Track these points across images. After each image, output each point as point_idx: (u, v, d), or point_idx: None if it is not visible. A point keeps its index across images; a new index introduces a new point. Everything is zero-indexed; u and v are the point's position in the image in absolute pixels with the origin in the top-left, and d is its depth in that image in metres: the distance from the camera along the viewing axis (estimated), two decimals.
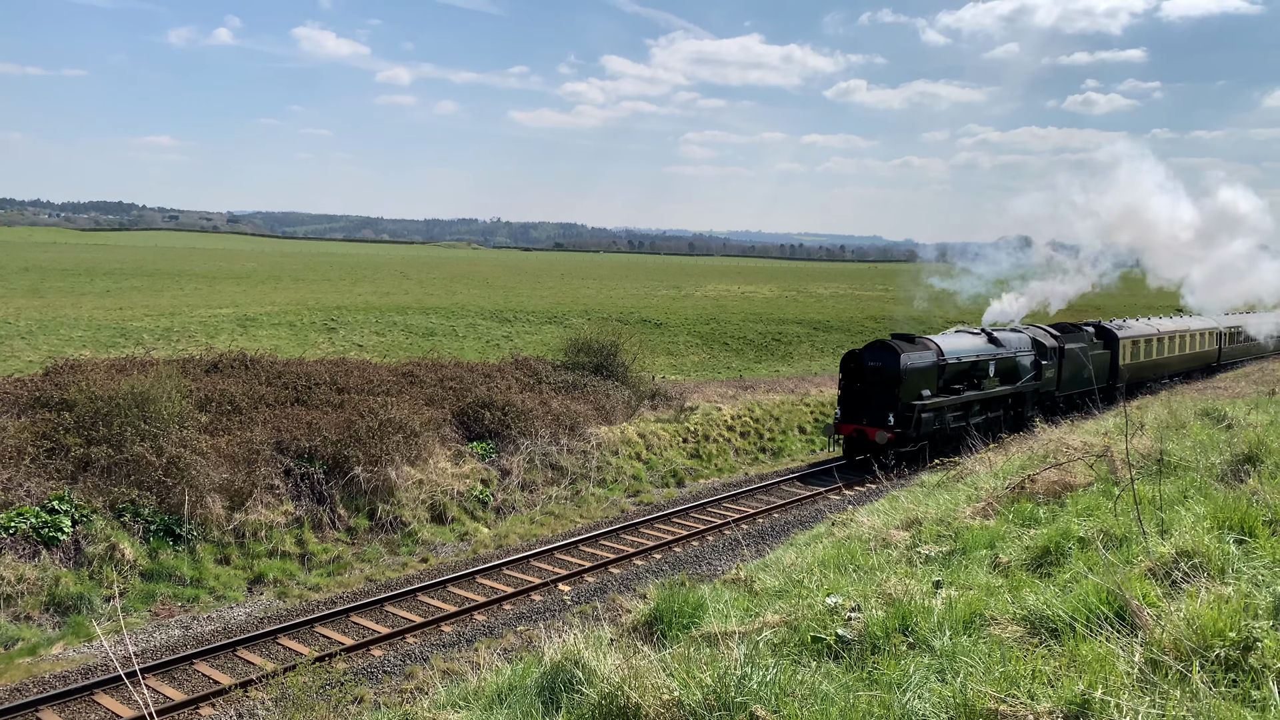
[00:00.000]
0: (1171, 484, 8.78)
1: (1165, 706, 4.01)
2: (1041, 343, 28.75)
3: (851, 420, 24.52)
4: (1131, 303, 62.69)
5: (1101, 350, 32.57)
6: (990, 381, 26.42)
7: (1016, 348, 27.82)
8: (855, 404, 24.45)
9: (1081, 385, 30.91)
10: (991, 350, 26.87)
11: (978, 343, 26.80)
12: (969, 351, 26.11)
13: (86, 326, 26.29)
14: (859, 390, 24.41)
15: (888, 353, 23.86)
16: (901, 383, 23.57)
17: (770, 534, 18.39)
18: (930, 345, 24.94)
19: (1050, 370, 28.98)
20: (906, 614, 5.98)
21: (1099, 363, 32.06)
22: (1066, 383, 30.20)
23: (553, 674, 5.78)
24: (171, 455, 16.59)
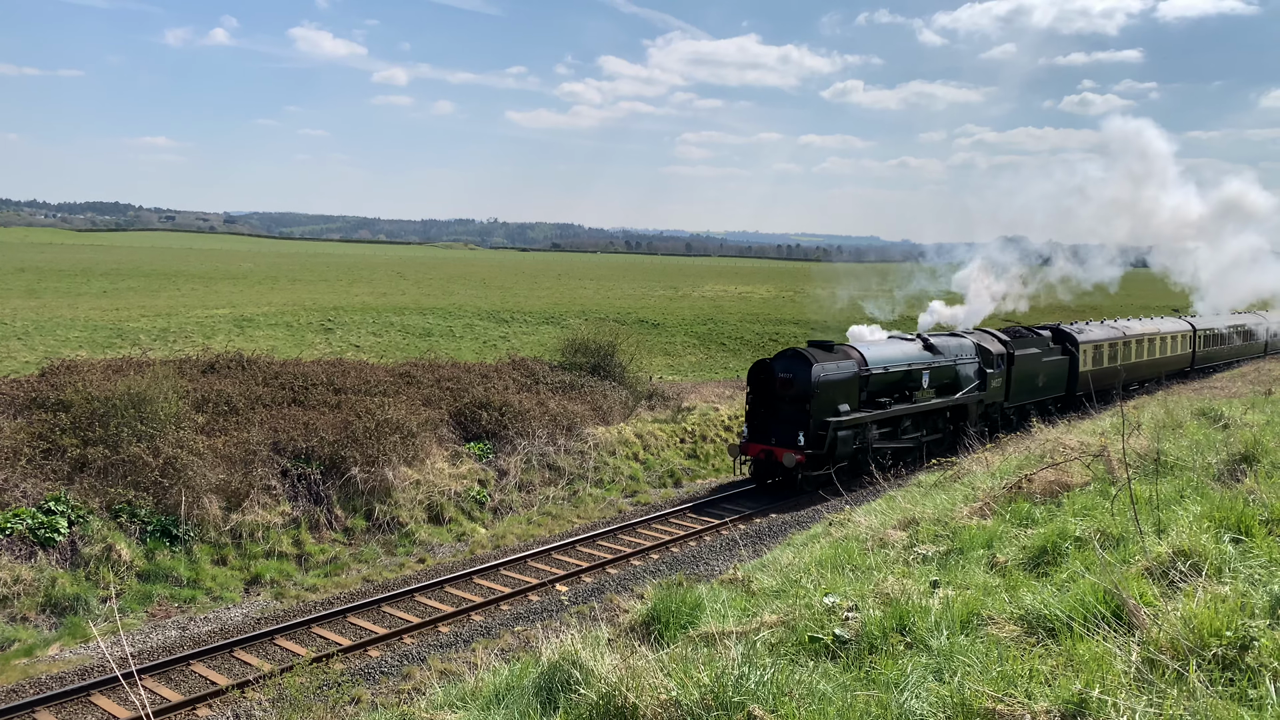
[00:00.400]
0: (1168, 483, 8.79)
1: (1162, 705, 4.02)
2: (987, 349, 26.18)
3: (760, 439, 21.80)
4: (1127, 303, 62.78)
5: (1059, 356, 30.19)
6: (924, 393, 23.89)
7: (957, 355, 25.25)
8: (764, 421, 21.78)
9: (1036, 395, 28.70)
10: (926, 358, 24.26)
11: (910, 350, 24.16)
12: (899, 360, 23.50)
13: (83, 327, 26.25)
14: (768, 405, 21.75)
15: (799, 363, 21.20)
16: (813, 397, 20.89)
17: (768, 534, 18.38)
18: (852, 353, 22.43)
19: (997, 379, 26.42)
20: (904, 614, 5.98)
21: (1056, 370, 29.88)
22: (1018, 393, 27.72)
23: (550, 674, 5.78)
24: (168, 456, 16.56)
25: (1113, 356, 32.95)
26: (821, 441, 20.99)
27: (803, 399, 20.95)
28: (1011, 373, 27.00)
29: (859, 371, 22.10)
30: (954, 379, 25.00)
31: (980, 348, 26.00)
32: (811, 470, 21.13)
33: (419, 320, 34.45)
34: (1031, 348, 28.32)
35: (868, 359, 22.50)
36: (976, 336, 26.62)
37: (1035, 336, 29.32)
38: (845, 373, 21.75)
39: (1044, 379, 28.80)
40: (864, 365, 22.38)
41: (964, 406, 25.22)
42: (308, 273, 59.50)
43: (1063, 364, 30.04)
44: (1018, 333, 29.31)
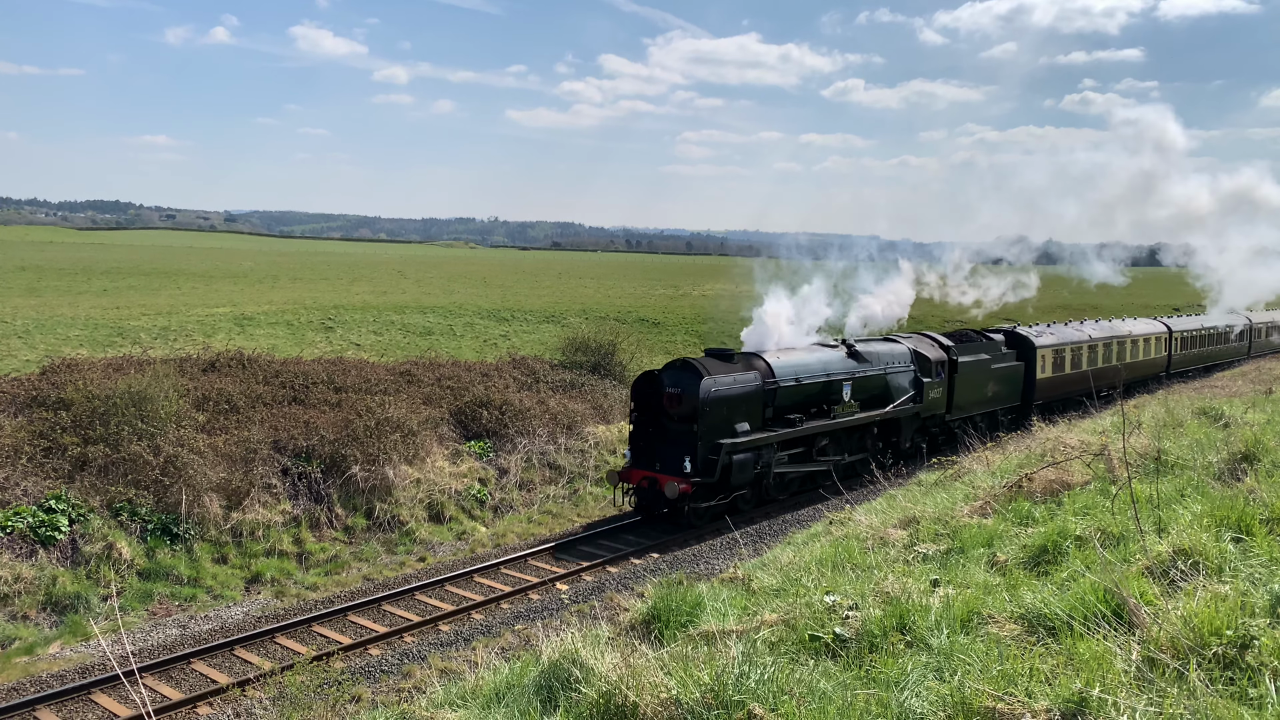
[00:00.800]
0: (1169, 483, 8.79)
1: (1162, 704, 4.02)
2: (924, 356, 23.41)
3: (644, 464, 18.67)
4: (1128, 303, 62.80)
5: (1013, 363, 27.39)
6: (847, 407, 21.06)
7: (888, 363, 22.50)
8: (650, 443, 18.72)
9: (984, 405, 26.02)
10: (849, 367, 21.38)
11: (829, 358, 21.23)
12: (813, 370, 20.53)
13: (83, 325, 26.27)
14: (656, 425, 18.71)
15: (688, 375, 18.20)
16: (702, 416, 17.81)
17: (769, 534, 18.39)
18: (756, 363, 19.56)
19: (937, 389, 23.62)
20: (904, 612, 5.99)
21: (1009, 378, 27.04)
22: (963, 403, 24.92)
23: (550, 673, 5.78)
24: (169, 454, 16.57)
25: (1075, 362, 30.37)
26: (713, 467, 17.94)
27: (691, 418, 17.96)
28: (954, 382, 24.35)
29: (763, 384, 19.08)
30: (884, 390, 22.31)
31: (917, 354, 23.35)
32: (702, 501, 18.36)
33: (419, 319, 34.48)
34: (978, 353, 25.62)
35: (775, 369, 19.55)
36: (914, 341, 23.92)
37: (984, 341, 26.74)
38: (745, 386, 18.67)
39: (994, 388, 26.17)
40: (769, 377, 19.38)
41: (895, 421, 22.64)
42: (308, 271, 59.53)
43: (1016, 371, 27.39)
44: (964, 337, 26.78)
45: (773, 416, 19.58)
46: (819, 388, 20.60)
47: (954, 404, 24.53)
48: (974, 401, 25.42)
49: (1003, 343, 27.40)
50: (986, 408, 26.10)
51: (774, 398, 19.43)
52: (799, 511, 19.79)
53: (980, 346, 26.06)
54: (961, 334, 27.01)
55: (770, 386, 19.31)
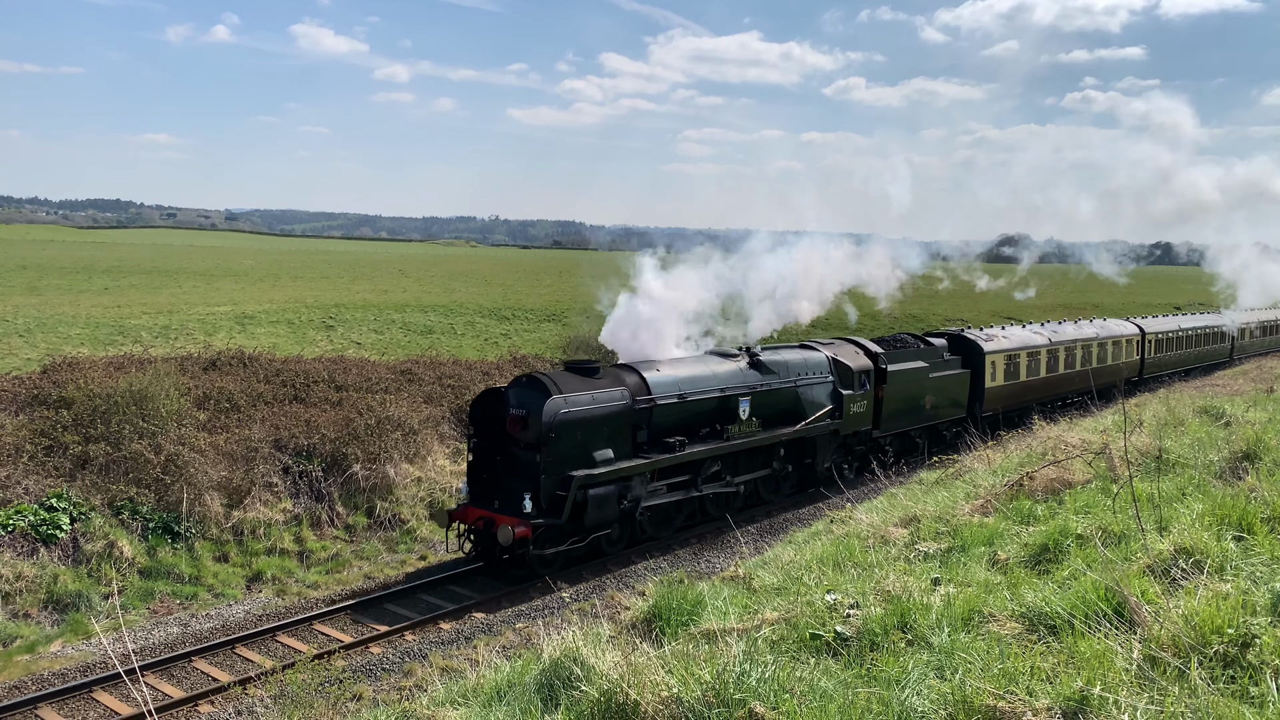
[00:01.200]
0: (1170, 481, 8.80)
1: (1163, 703, 4.02)
2: (845, 365, 20.65)
3: (483, 501, 15.67)
4: (1129, 302, 62.77)
5: (957, 370, 24.50)
6: (744, 427, 18.19)
7: (800, 374, 19.76)
8: (494, 475, 15.83)
9: (920, 418, 23.28)
10: (749, 380, 18.54)
11: (724, 370, 18.33)
12: (703, 384, 17.57)
13: (84, 324, 26.28)
14: (503, 453, 15.81)
15: (534, 393, 15.18)
16: (547, 443, 14.76)
17: (769, 532, 18.39)
18: (627, 378, 16.53)
19: (861, 402, 20.92)
20: (905, 611, 5.99)
21: (951, 387, 24.18)
22: (894, 417, 22.31)
23: (552, 671, 5.79)
24: (170, 453, 16.59)
25: (1032, 368, 27.72)
26: (560, 505, 14.91)
27: (535, 444, 15.02)
28: (883, 393, 21.73)
29: (633, 404, 16.08)
30: (794, 405, 19.49)
31: (836, 363, 20.60)
32: (549, 546, 15.28)
33: (420, 318, 34.47)
34: (914, 361, 22.91)
35: (651, 385, 16.64)
36: (835, 349, 21.22)
37: (922, 346, 24.03)
38: (608, 406, 15.65)
39: (933, 399, 23.42)
40: (643, 394, 16.44)
41: (812, 440, 19.99)
42: (309, 270, 59.55)
43: (961, 379, 24.57)
44: (899, 342, 24.20)
45: (648, 440, 16.59)
46: (711, 405, 17.66)
47: (883, 418, 21.87)
48: (908, 415, 22.77)
49: (944, 348, 24.62)
50: (923, 421, 23.44)
51: (649, 418, 16.48)
52: (800, 510, 19.78)
53: (916, 353, 23.35)
54: (896, 339, 24.62)
55: (644, 405, 16.30)
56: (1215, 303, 51.88)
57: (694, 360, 18.37)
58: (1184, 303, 63.94)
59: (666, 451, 16.67)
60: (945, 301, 58.68)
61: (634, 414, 16.22)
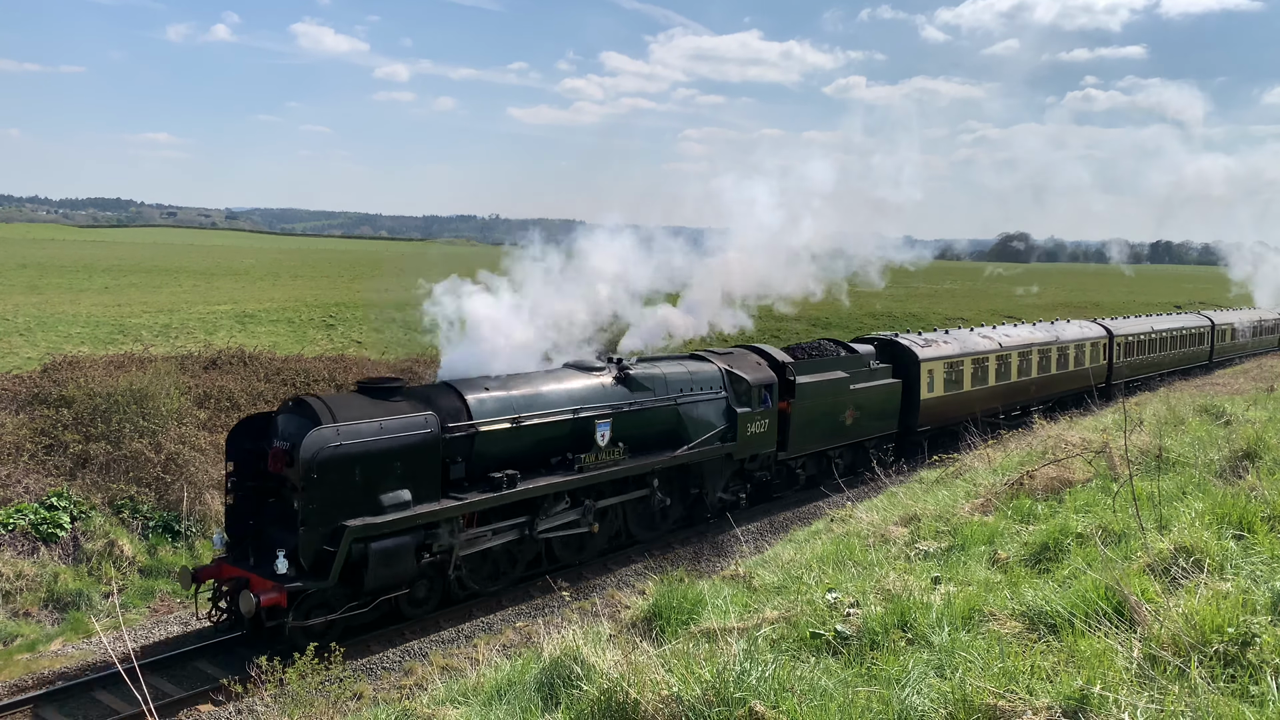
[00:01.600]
0: (1170, 480, 8.80)
1: (1164, 702, 4.02)
2: (742, 377, 17.80)
3: (239, 557, 12.54)
4: (1129, 301, 62.79)
5: (887, 381, 21.84)
6: (606, 454, 15.10)
7: (682, 388, 16.80)
8: (260, 522, 12.82)
9: (839, 437, 20.53)
10: (612, 397, 15.51)
11: (580, 386, 15.26)
12: (545, 404, 14.54)
13: (85, 323, 26.29)
14: (275, 494, 12.77)
15: (301, 421, 12.09)
16: (310, 486, 11.64)
17: (770, 531, 18.40)
18: (440, 401, 13.37)
19: (761, 421, 18.00)
20: (905, 610, 5.99)
21: (879, 400, 21.46)
22: (806, 436, 19.50)
23: (552, 670, 5.80)
24: (170, 452, 16.59)
25: (978, 376, 24.97)
26: (327, 564, 11.70)
27: (296, 486, 11.91)
28: (792, 409, 18.92)
29: (442, 431, 12.86)
30: (674, 426, 16.56)
31: (732, 376, 17.70)
32: (316, 615, 12.04)
33: (421, 317, 34.48)
34: (831, 371, 20.19)
35: (473, 408, 13.55)
36: (732, 359, 18.38)
37: (843, 355, 21.14)
38: (402, 437, 12.36)
39: (856, 414, 20.68)
40: (461, 418, 13.34)
41: (699, 468, 17.20)
42: (309, 269, 59.55)
43: (891, 391, 21.87)
44: (817, 349, 21.43)
45: (468, 476, 13.52)
46: (561, 429, 14.68)
47: (791, 438, 19.08)
48: (823, 432, 20.07)
49: (870, 356, 21.80)
50: (843, 439, 20.72)
51: (469, 449, 13.46)
52: (800, 509, 19.78)
53: (834, 362, 20.56)
54: (813, 346, 21.78)
55: (460, 433, 13.23)
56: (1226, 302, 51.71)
57: (541, 376, 15.18)
58: (1185, 301, 63.94)
59: (493, 489, 13.46)
60: (945, 300, 58.70)
61: (446, 444, 13.00)
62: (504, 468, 13.87)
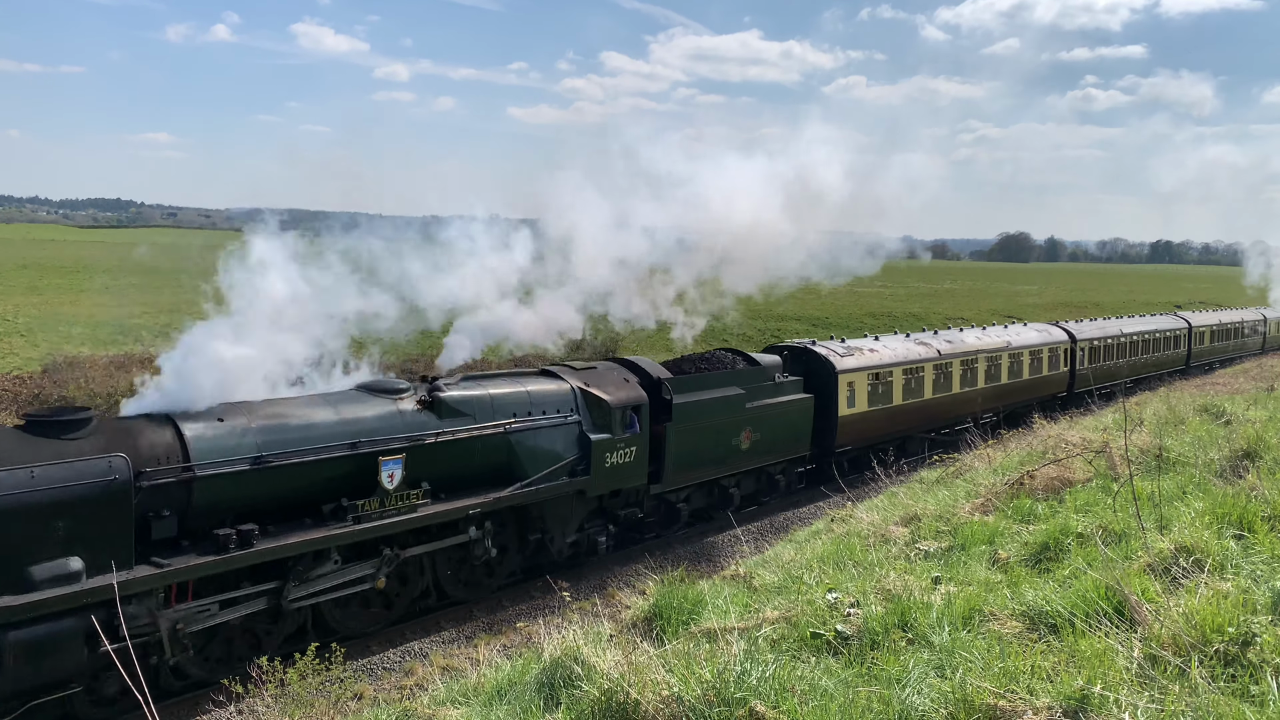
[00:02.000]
0: (1170, 480, 8.81)
1: (1164, 702, 4.02)
2: (599, 398, 14.79)
3: None
4: (1129, 300, 62.82)
5: (796, 396, 18.90)
6: (393, 500, 12.07)
7: (514, 412, 13.82)
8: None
9: (733, 464, 17.57)
10: (409, 426, 12.50)
11: (365, 414, 12.26)
12: (308, 438, 11.57)
13: (85, 324, 26.31)
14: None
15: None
16: None
17: (770, 530, 18.40)
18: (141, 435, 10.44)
19: (625, 449, 15.03)
20: (906, 610, 6.00)
21: (787, 417, 18.59)
22: (685, 465, 16.44)
23: (552, 670, 5.80)
24: None
25: (912, 388, 22.33)
26: None
27: None
28: (669, 433, 15.92)
29: (134, 479, 9.87)
30: (505, 459, 13.65)
31: (588, 397, 14.78)
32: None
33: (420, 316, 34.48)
34: (721, 387, 17.14)
35: (191, 444, 10.66)
36: (589, 376, 15.39)
37: (741, 368, 18.14)
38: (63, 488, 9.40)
39: (755, 436, 17.72)
40: (171, 459, 10.43)
41: (539, 509, 14.23)
42: None
43: (802, 407, 18.99)
44: (708, 361, 18.52)
45: (183, 533, 10.65)
46: (334, 469, 11.68)
47: (668, 467, 16.05)
48: (713, 460, 17.05)
49: (776, 368, 18.93)
50: (739, 466, 17.76)
51: (186, 498, 10.55)
52: (800, 509, 19.78)
53: (727, 376, 17.59)
54: (705, 358, 18.80)
55: (167, 479, 10.28)
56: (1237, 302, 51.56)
57: (308, 403, 12.14)
58: (1185, 301, 63.99)
59: (217, 550, 10.48)
60: (946, 300, 58.72)
61: (145, 495, 10.06)
62: (246, 520, 10.92)
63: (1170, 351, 35.84)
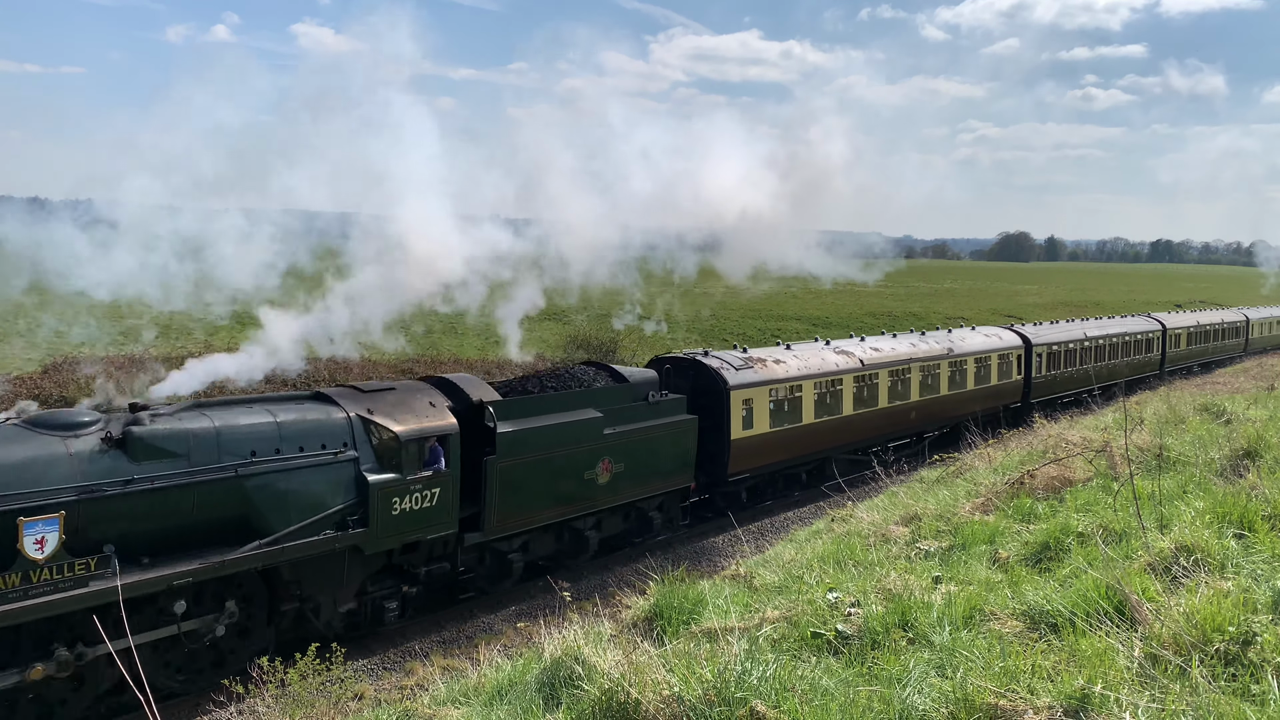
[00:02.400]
0: (1171, 479, 8.81)
1: (1165, 701, 4.02)
2: (386, 428, 12.05)
3: None
4: (1129, 300, 62.84)
5: (677, 418, 16.07)
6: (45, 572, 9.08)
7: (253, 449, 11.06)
8: None
9: (587, 501, 14.64)
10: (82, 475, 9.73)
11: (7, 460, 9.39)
12: None
13: (85, 324, 26.32)
14: None
15: None
16: None
17: (770, 530, 18.41)
18: None
19: (420, 493, 12.19)
20: (906, 609, 6.00)
21: (664, 443, 15.80)
22: (519, 506, 13.59)
23: (553, 670, 5.80)
24: None
25: (828, 404, 19.58)
26: None
27: None
28: (490, 469, 13.02)
29: None
30: (241, 512, 10.80)
31: (370, 425, 12.01)
32: None
33: (420, 317, 34.50)
34: (570, 410, 14.35)
35: None
36: (382, 399, 12.54)
37: (600, 386, 15.34)
38: None
39: (618, 466, 14.86)
40: None
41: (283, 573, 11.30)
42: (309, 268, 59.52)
43: (682, 430, 16.14)
44: (560, 378, 15.53)
45: None
46: None
47: (492, 511, 13.21)
48: (558, 498, 14.13)
49: (650, 384, 16.07)
50: (597, 504, 14.82)
51: None
52: (801, 509, 19.78)
53: (576, 398, 14.69)
54: (554, 373, 15.96)
55: None
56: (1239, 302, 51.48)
57: None
58: (1185, 300, 64.00)
59: None
60: (946, 299, 58.74)
61: None
62: None
63: (1141, 356, 33.39)
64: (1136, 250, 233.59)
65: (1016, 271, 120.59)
